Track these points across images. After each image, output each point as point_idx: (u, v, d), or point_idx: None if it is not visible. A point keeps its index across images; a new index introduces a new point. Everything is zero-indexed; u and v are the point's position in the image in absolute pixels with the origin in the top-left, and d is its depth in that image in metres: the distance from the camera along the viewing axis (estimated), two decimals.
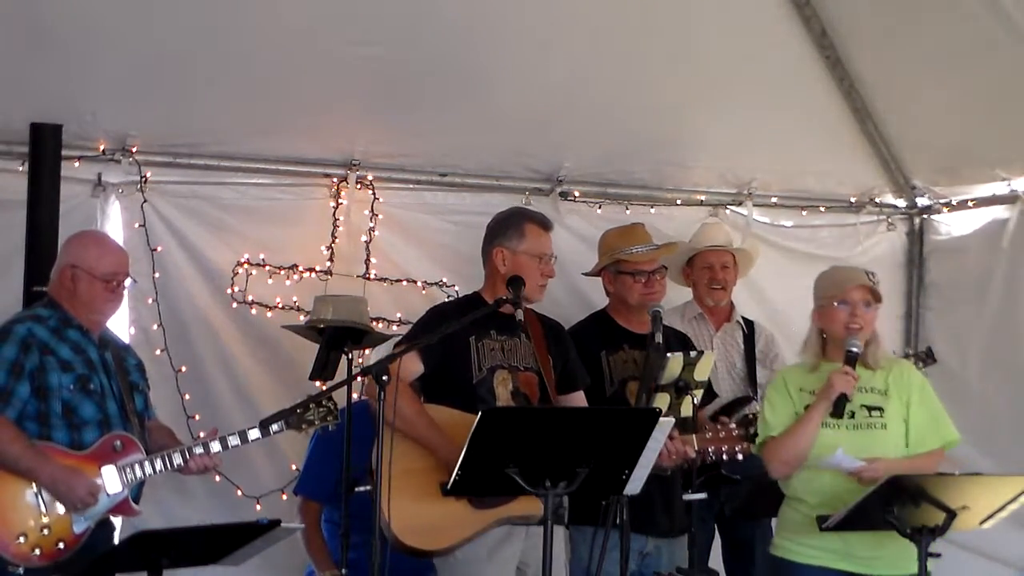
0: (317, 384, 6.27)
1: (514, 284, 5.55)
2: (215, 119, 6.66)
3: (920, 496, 4.83)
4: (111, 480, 5.18)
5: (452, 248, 7.05)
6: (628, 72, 6.89)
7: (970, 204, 7.58)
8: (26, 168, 6.32)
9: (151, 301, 6.62)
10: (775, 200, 7.73)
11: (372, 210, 7.00)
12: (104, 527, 5.28)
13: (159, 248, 6.66)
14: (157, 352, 6.59)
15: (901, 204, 7.89)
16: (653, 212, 7.42)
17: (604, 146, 7.30)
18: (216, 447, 5.34)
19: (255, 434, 5.37)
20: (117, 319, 5.91)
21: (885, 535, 4.98)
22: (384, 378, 4.89)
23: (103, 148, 6.58)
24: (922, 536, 4.87)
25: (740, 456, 5.78)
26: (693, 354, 5.70)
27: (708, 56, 6.94)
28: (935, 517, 4.86)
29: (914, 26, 6.69)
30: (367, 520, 5.07)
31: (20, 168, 6.37)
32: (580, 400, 5.75)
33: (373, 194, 7.01)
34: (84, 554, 5.10)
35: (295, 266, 6.87)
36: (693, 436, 5.67)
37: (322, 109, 6.75)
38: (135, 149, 6.59)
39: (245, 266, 6.81)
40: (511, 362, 5.59)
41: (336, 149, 6.97)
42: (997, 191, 7.37)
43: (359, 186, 7.00)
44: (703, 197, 7.61)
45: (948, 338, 7.61)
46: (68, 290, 5.34)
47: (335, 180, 6.98)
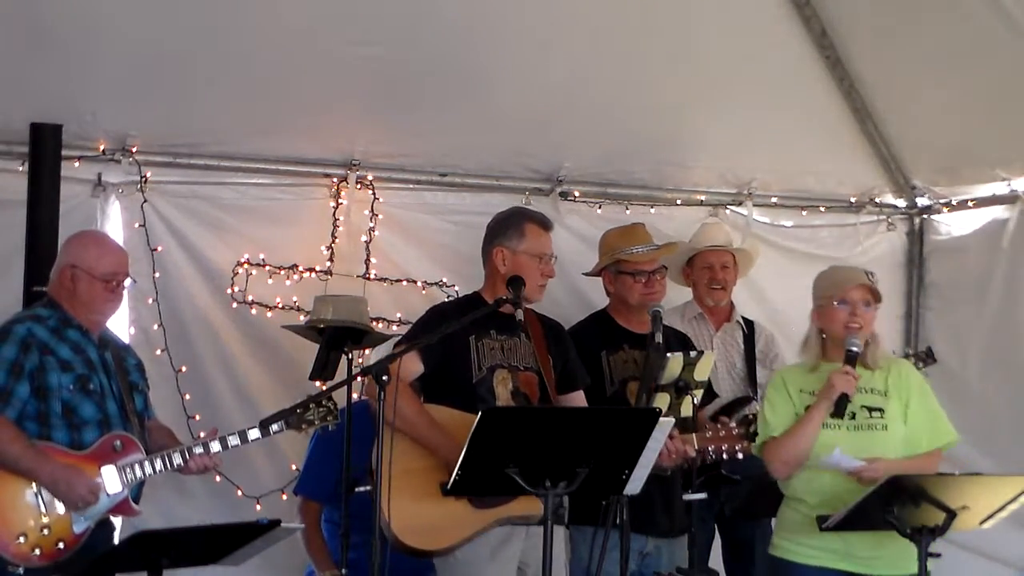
0: (317, 384, 6.27)
1: (514, 284, 5.55)
2: (215, 119, 6.66)
3: (920, 496, 4.83)
4: (111, 480, 5.18)
5: (452, 248, 7.05)
6: (628, 72, 6.89)
7: (970, 204, 7.57)
8: (26, 168, 6.32)
9: (151, 301, 6.62)
10: (775, 200, 7.72)
11: (372, 210, 7.00)
12: (104, 527, 5.28)
13: (159, 248, 6.66)
14: (157, 352, 6.59)
15: (901, 204, 7.89)
16: (653, 212, 7.42)
17: (604, 146, 7.29)
18: (216, 447, 5.34)
19: (255, 434, 5.37)
20: (117, 319, 5.91)
21: (885, 535, 4.97)
22: (384, 378, 4.88)
23: (103, 148, 6.58)
24: (922, 536, 4.86)
25: (740, 455, 5.78)
26: (693, 354, 5.69)
27: (708, 56, 6.93)
28: (935, 517, 4.86)
29: (914, 26, 6.69)
30: (367, 520, 5.06)
31: (20, 168, 6.37)
32: (580, 400, 5.74)
33: (373, 194, 7.01)
34: (84, 554, 5.10)
35: (295, 266, 6.87)
36: (693, 435, 5.67)
37: (322, 109, 6.75)
38: (135, 149, 6.59)
39: (245, 266, 6.81)
40: (511, 362, 5.58)
41: (336, 149, 6.97)
42: (997, 191, 7.37)
43: (359, 186, 7.00)
44: (703, 197, 7.61)
45: (948, 338, 7.60)
46: (68, 290, 5.34)
47: (335, 180, 6.98)
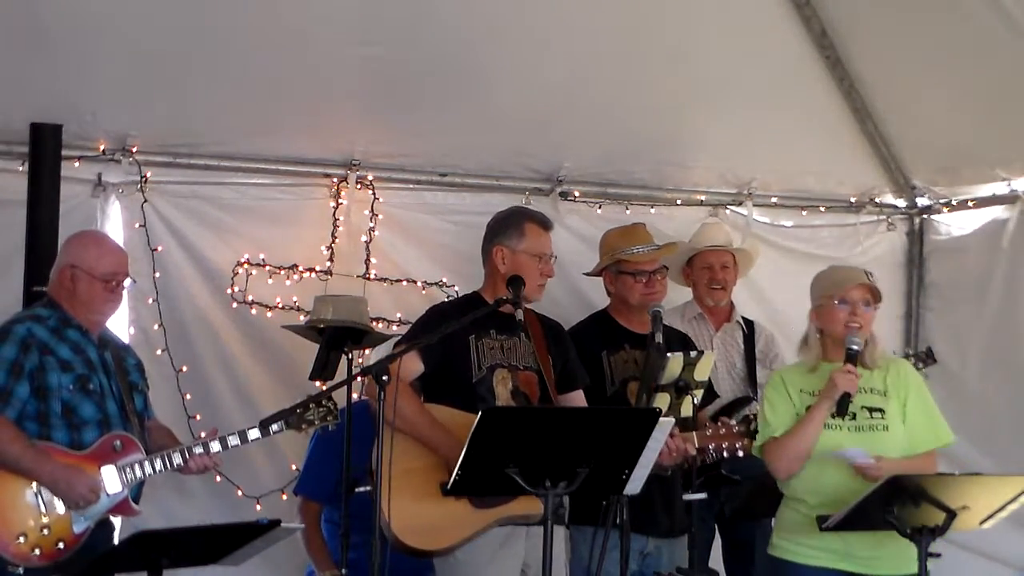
0: (317, 384, 6.27)
1: (514, 284, 5.54)
2: (215, 119, 6.66)
3: (920, 496, 4.83)
4: (111, 480, 5.18)
5: (452, 248, 7.05)
6: (628, 72, 6.89)
7: (970, 204, 7.57)
8: (26, 168, 6.32)
9: (151, 301, 6.62)
10: (775, 200, 7.72)
11: (372, 210, 7.00)
12: (104, 527, 5.27)
13: (159, 248, 6.66)
14: (158, 352, 6.59)
15: (901, 204, 7.89)
16: (653, 212, 7.42)
17: (604, 146, 7.29)
18: (216, 447, 5.34)
19: (255, 434, 5.37)
20: (117, 319, 5.91)
21: (885, 535, 4.97)
22: (384, 378, 4.88)
23: (103, 148, 6.58)
24: (922, 536, 4.86)
25: (740, 453, 5.77)
26: (693, 354, 5.68)
27: (708, 56, 6.93)
28: (935, 517, 4.85)
29: (914, 26, 6.69)
30: (367, 520, 5.06)
31: (20, 168, 6.37)
32: (579, 399, 5.74)
33: (373, 194, 7.01)
34: (84, 554, 5.10)
35: (295, 266, 6.87)
36: (693, 433, 5.67)
37: (322, 109, 6.75)
38: (135, 149, 6.60)
39: (245, 266, 6.81)
40: (511, 361, 5.58)
41: (336, 149, 6.97)
42: (997, 191, 7.37)
43: (359, 186, 7.00)
44: (703, 197, 7.61)
45: (948, 338, 7.60)
46: (67, 290, 5.34)
47: (335, 180, 6.98)
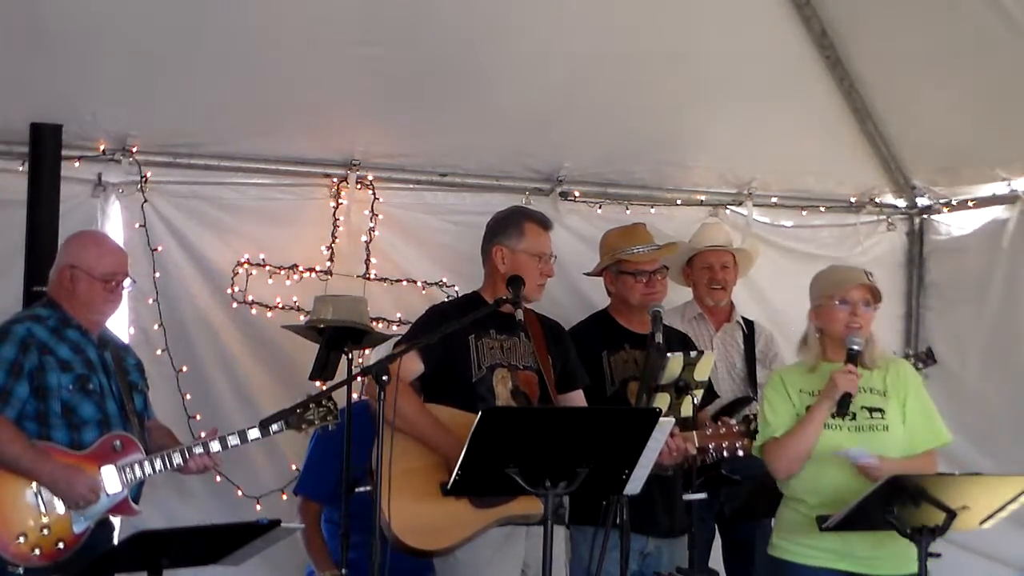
0: (317, 384, 6.27)
1: (514, 284, 5.54)
2: (215, 119, 6.66)
3: (920, 496, 4.82)
4: (111, 480, 5.18)
5: (452, 248, 7.05)
6: (628, 72, 6.89)
7: (970, 204, 7.57)
8: (26, 168, 6.32)
9: (151, 301, 6.62)
10: (775, 200, 7.72)
11: (372, 210, 7.00)
12: (104, 527, 5.27)
13: (159, 248, 6.66)
14: (158, 352, 6.59)
15: (901, 204, 7.89)
16: (653, 212, 7.42)
17: (604, 146, 7.29)
18: (216, 447, 5.34)
19: (255, 434, 5.37)
20: (117, 319, 5.91)
21: (885, 535, 4.97)
22: (384, 378, 4.88)
23: (103, 148, 6.58)
24: (922, 536, 4.85)
25: (740, 452, 5.77)
26: (693, 354, 5.68)
27: (708, 56, 6.93)
28: (935, 517, 4.85)
29: (914, 26, 6.68)
30: (367, 520, 5.06)
31: (20, 168, 6.37)
32: (579, 399, 5.74)
33: (373, 194, 7.01)
34: (84, 554, 5.10)
35: (295, 266, 6.87)
36: (694, 433, 5.66)
37: (322, 109, 6.75)
38: (135, 149, 6.60)
39: (245, 266, 6.81)
40: (511, 361, 5.58)
41: (336, 149, 6.97)
42: (997, 191, 7.37)
43: (359, 186, 7.00)
44: (703, 197, 7.61)
45: (948, 338, 7.60)
46: (67, 290, 5.34)
47: (335, 180, 6.98)
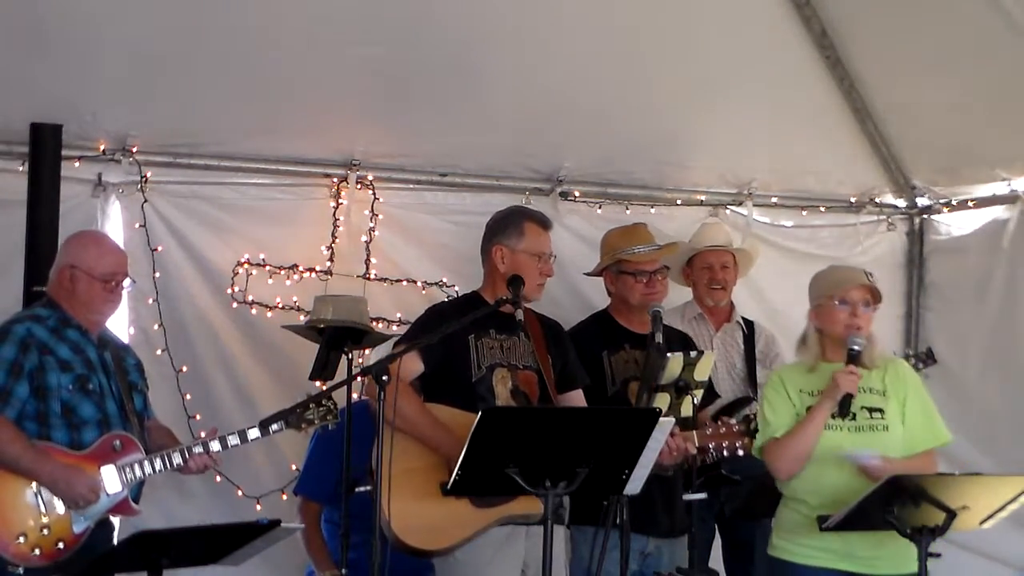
0: (317, 384, 6.27)
1: (514, 284, 5.54)
2: (215, 119, 6.66)
3: (920, 496, 4.82)
4: (111, 480, 5.18)
5: (452, 248, 7.04)
6: (628, 72, 6.89)
7: (970, 204, 7.57)
8: (26, 168, 6.32)
9: (151, 301, 6.62)
10: (775, 200, 7.72)
11: (372, 210, 7.00)
12: (104, 527, 5.27)
13: (159, 248, 6.66)
14: (158, 352, 6.59)
15: (901, 204, 7.89)
16: (653, 212, 7.42)
17: (604, 146, 7.29)
18: (216, 447, 5.34)
19: (255, 433, 5.37)
20: (117, 319, 5.92)
21: (885, 535, 4.96)
22: (384, 378, 4.88)
23: (103, 148, 6.58)
24: (922, 536, 4.85)
25: (740, 452, 5.77)
26: (693, 354, 5.68)
27: (708, 56, 6.93)
28: (935, 517, 4.85)
29: (914, 26, 6.68)
30: (367, 520, 5.06)
31: (20, 168, 6.37)
32: (579, 399, 5.74)
33: (373, 194, 7.01)
34: (84, 554, 5.10)
35: (295, 266, 6.87)
36: (694, 432, 5.66)
37: (322, 109, 6.75)
38: (135, 149, 6.59)
39: (245, 266, 6.81)
40: (510, 360, 5.58)
41: (336, 149, 6.97)
42: (997, 191, 7.37)
43: (359, 186, 7.00)
44: (703, 197, 7.61)
45: (948, 338, 7.60)
46: (67, 290, 5.34)
47: (335, 180, 6.98)
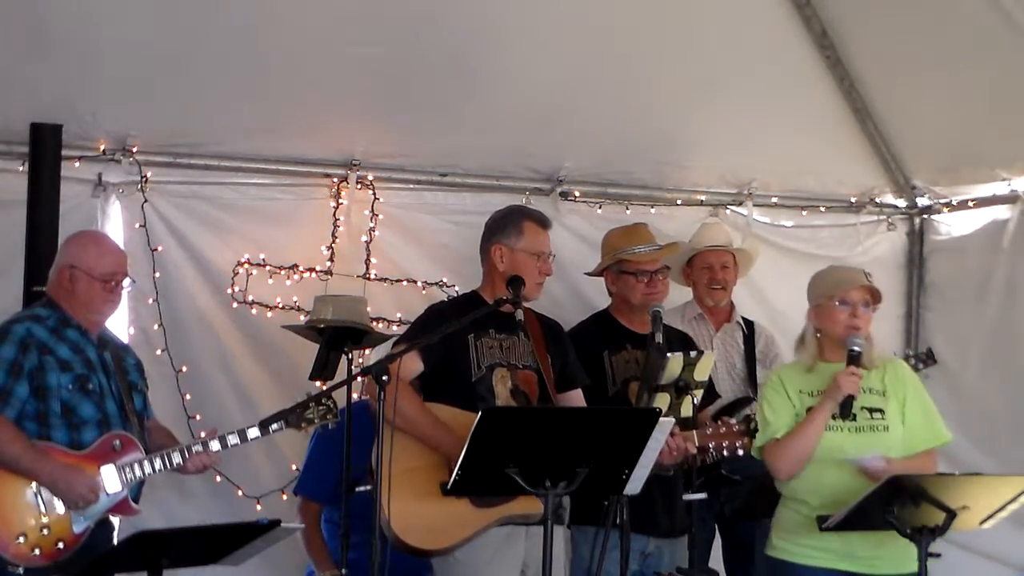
0: (317, 384, 6.27)
1: (514, 284, 5.54)
2: (215, 119, 6.66)
3: (920, 496, 4.82)
4: (110, 479, 5.18)
5: (452, 248, 7.04)
6: (628, 72, 6.89)
7: (970, 204, 7.57)
8: (26, 168, 6.32)
9: (151, 301, 6.62)
10: (775, 200, 7.72)
11: (372, 210, 7.00)
12: (104, 527, 5.27)
13: (159, 248, 6.66)
14: (157, 352, 6.59)
15: (901, 204, 7.89)
16: (653, 212, 7.42)
17: (604, 146, 7.29)
18: (215, 446, 5.34)
19: (254, 433, 5.37)
20: (116, 319, 5.92)
21: (885, 535, 4.96)
22: (384, 378, 4.88)
23: (103, 148, 6.58)
24: (922, 536, 4.85)
25: (740, 452, 5.76)
26: (693, 354, 5.67)
27: (708, 56, 6.93)
28: (935, 517, 4.85)
29: (914, 26, 6.69)
30: (367, 520, 5.06)
31: (20, 168, 6.37)
32: (578, 399, 5.73)
33: (373, 194, 7.01)
34: (84, 554, 5.10)
35: (295, 266, 6.87)
36: (694, 432, 5.66)
37: (322, 109, 6.75)
38: (135, 149, 6.59)
39: (245, 266, 6.82)
40: (510, 360, 5.57)
41: (336, 149, 6.97)
42: (997, 191, 7.37)
43: (359, 186, 7.00)
44: (703, 197, 7.61)
45: (948, 338, 7.60)
46: (66, 290, 5.34)
47: (335, 180, 6.98)
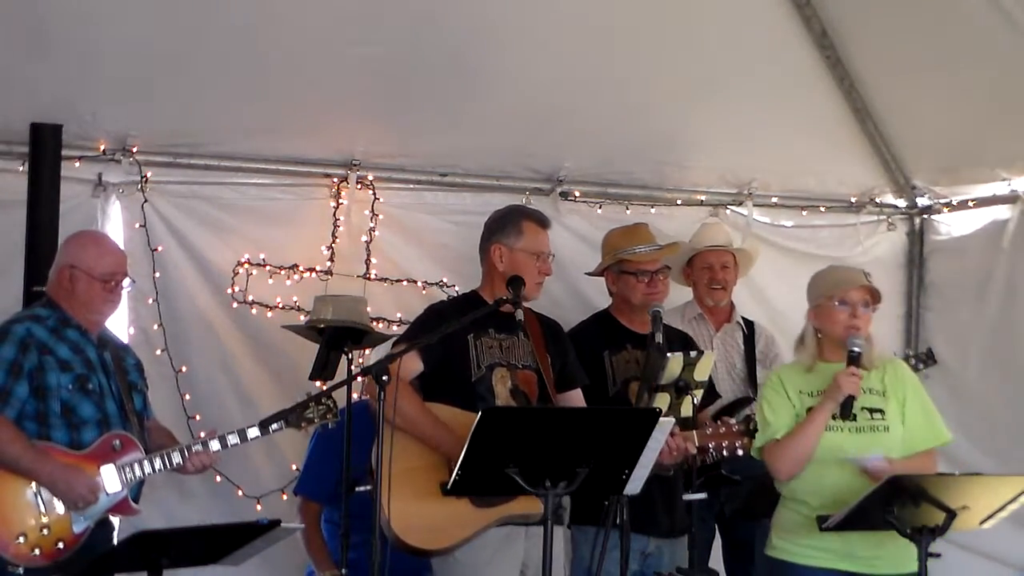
0: (317, 384, 6.27)
1: (514, 284, 5.53)
2: (215, 119, 6.66)
3: (920, 496, 4.82)
4: (110, 479, 5.18)
5: (452, 248, 7.05)
6: (628, 72, 6.89)
7: (970, 204, 7.57)
8: (26, 168, 6.32)
9: (151, 301, 6.62)
10: (775, 200, 7.72)
11: (372, 210, 7.00)
12: (103, 527, 5.27)
13: (159, 248, 6.66)
14: (157, 352, 6.59)
15: (901, 204, 7.89)
16: (653, 212, 7.42)
17: (604, 146, 7.29)
18: (215, 446, 5.34)
19: (254, 432, 5.37)
20: (116, 319, 5.92)
21: (885, 535, 4.96)
22: (384, 378, 4.88)
23: (103, 148, 6.58)
24: (922, 536, 4.85)
25: (740, 452, 5.76)
26: (693, 354, 5.67)
27: (708, 56, 6.93)
28: (935, 517, 4.84)
29: (914, 26, 6.69)
30: (367, 520, 5.06)
31: (20, 168, 6.37)
32: (578, 398, 5.73)
33: (373, 194, 7.01)
34: (84, 554, 5.10)
35: (295, 266, 6.87)
36: (694, 432, 5.66)
37: (322, 109, 6.75)
38: (135, 149, 6.60)
39: (245, 266, 6.82)
40: (510, 360, 5.57)
41: (336, 149, 6.97)
42: (997, 191, 7.37)
43: (359, 186, 7.00)
44: (703, 197, 7.61)
45: (948, 338, 7.60)
46: (66, 290, 5.34)
47: (335, 180, 6.98)
